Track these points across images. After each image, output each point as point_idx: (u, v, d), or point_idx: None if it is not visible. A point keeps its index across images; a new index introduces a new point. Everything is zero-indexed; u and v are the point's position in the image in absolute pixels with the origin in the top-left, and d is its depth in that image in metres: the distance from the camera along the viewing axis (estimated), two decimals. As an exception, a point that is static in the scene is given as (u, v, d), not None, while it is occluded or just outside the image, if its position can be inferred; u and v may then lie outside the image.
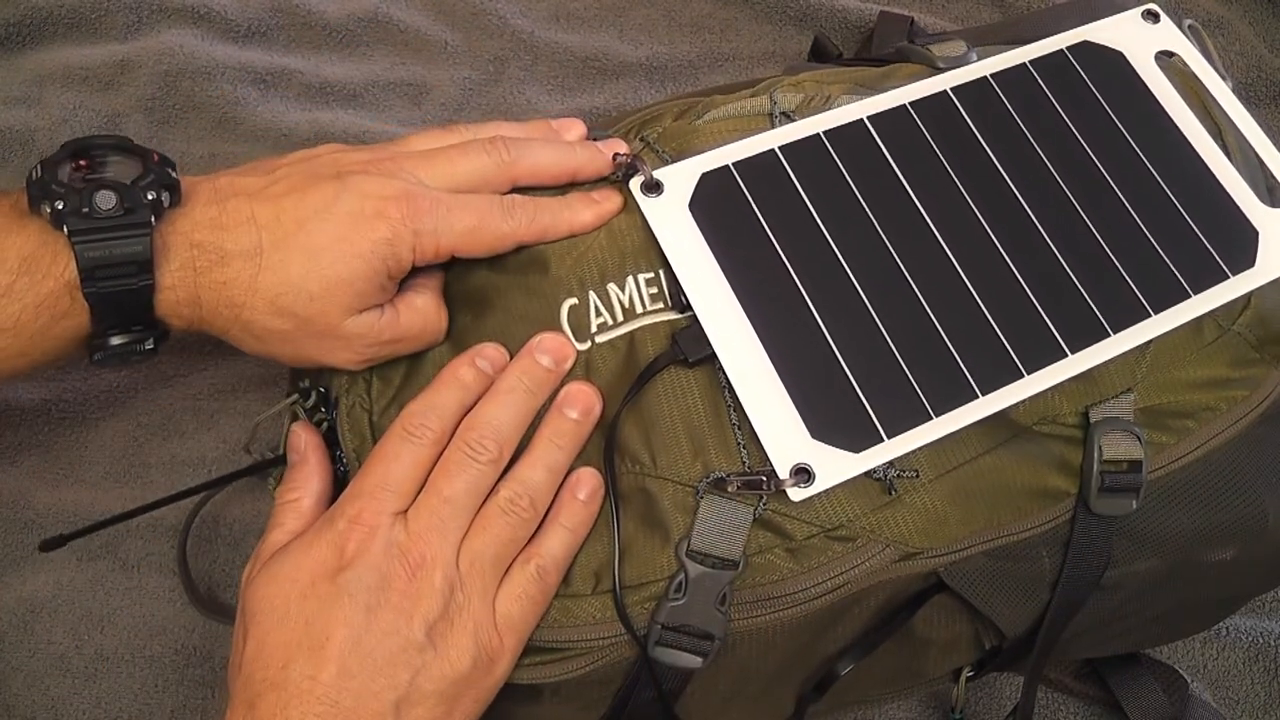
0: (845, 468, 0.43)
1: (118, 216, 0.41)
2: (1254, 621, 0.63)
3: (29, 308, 0.41)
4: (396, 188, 0.44)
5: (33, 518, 0.59)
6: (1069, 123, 0.51)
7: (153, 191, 0.42)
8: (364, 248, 0.43)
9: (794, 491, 0.43)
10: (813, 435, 0.43)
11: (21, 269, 0.41)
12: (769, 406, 0.43)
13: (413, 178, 0.45)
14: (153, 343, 0.44)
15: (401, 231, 0.43)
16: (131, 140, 0.45)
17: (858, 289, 0.46)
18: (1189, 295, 0.48)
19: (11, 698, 0.56)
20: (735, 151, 0.48)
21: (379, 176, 0.44)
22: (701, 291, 0.45)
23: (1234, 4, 0.81)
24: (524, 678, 0.43)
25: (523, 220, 0.46)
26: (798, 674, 0.48)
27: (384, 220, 0.43)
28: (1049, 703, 0.61)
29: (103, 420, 0.62)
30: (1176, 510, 0.47)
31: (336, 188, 0.44)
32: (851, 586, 0.44)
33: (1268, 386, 0.48)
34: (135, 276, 0.42)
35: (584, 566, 0.43)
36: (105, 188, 0.41)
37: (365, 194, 0.43)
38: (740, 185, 0.47)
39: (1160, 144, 0.51)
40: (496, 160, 0.47)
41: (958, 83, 0.51)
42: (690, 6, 0.80)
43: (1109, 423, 0.46)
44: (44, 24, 0.74)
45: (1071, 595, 0.47)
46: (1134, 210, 0.49)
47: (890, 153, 0.49)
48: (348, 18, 0.77)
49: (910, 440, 0.44)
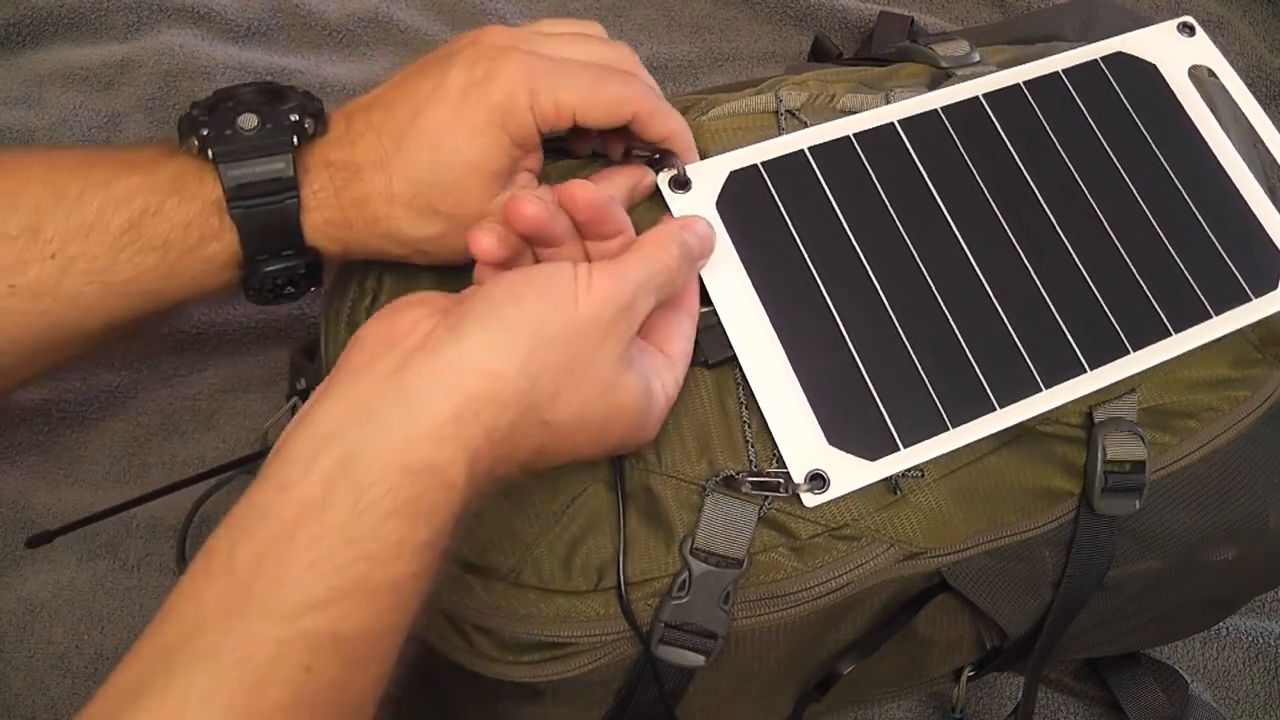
0: (860, 476, 0.43)
1: (259, 136, 0.42)
2: (1254, 621, 0.63)
3: (178, 226, 0.42)
4: (508, 51, 0.43)
5: (33, 518, 0.59)
6: (1099, 134, 0.51)
7: (295, 114, 0.43)
8: (480, 119, 0.42)
9: (808, 498, 0.43)
10: (830, 442, 0.43)
11: (170, 189, 0.42)
12: (787, 411, 0.43)
13: (532, 45, 0.44)
14: (304, 271, 0.44)
15: (516, 90, 0.42)
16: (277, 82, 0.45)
17: (881, 295, 0.46)
18: (1210, 316, 0.48)
19: (11, 698, 0.55)
20: (764, 151, 0.48)
21: (496, 45, 0.43)
22: (724, 292, 0.45)
23: (1234, 4, 0.81)
24: (525, 676, 0.43)
25: (639, 89, 0.44)
26: (800, 674, 0.48)
27: (495, 82, 0.42)
28: (1049, 703, 0.61)
29: (103, 420, 0.62)
30: (1179, 510, 0.47)
31: (444, 66, 0.43)
32: (855, 586, 0.44)
33: (1269, 386, 0.48)
34: (280, 195, 0.42)
35: (587, 563, 0.43)
36: (249, 110, 0.42)
37: (475, 60, 0.42)
38: (768, 185, 0.47)
39: (1189, 161, 0.51)
40: (619, 56, 0.45)
41: (989, 89, 0.51)
42: (690, 6, 0.80)
43: (1112, 423, 0.46)
44: (44, 24, 0.74)
45: (1074, 595, 0.47)
46: (1159, 227, 0.49)
47: (919, 158, 0.49)
48: (348, 18, 0.77)
49: (926, 450, 0.44)
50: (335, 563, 0.32)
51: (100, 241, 0.42)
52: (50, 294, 0.42)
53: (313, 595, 0.32)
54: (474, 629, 0.43)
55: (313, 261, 0.45)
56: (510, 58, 0.42)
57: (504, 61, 0.42)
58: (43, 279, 0.42)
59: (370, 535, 0.33)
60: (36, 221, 0.41)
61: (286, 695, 0.31)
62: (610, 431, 0.39)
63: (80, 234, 0.42)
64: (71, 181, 0.42)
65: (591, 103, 0.43)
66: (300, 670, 0.32)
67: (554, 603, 0.43)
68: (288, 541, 0.33)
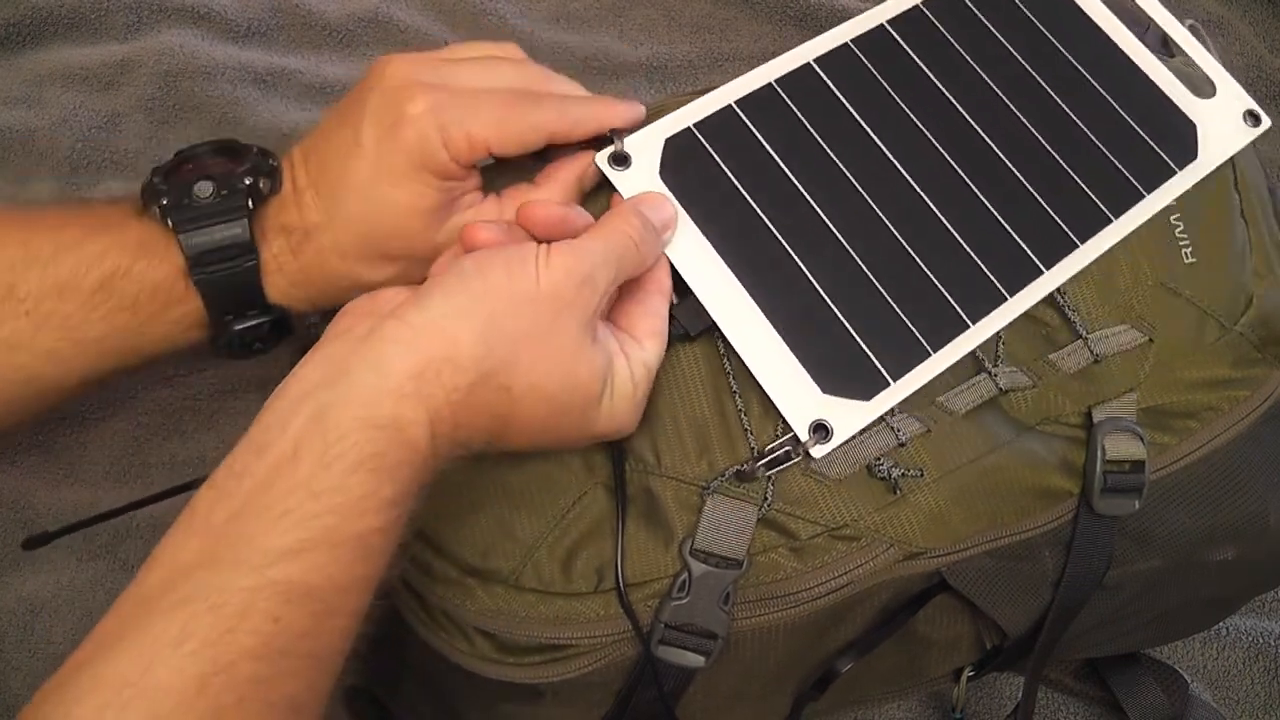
0: (860, 417, 0.44)
1: (215, 203, 0.43)
2: (1254, 621, 0.63)
3: (146, 289, 0.44)
4: (413, 89, 0.43)
5: (33, 518, 0.59)
6: (1005, 43, 0.52)
7: (249, 178, 0.44)
8: (400, 166, 0.43)
9: (816, 449, 0.43)
10: (824, 391, 0.44)
11: (139, 252, 0.44)
12: (778, 370, 0.44)
13: (437, 77, 0.44)
14: (269, 328, 0.46)
15: (425, 131, 0.42)
16: (236, 140, 0.47)
17: (839, 237, 0.46)
18: (1143, 195, 0.49)
19: (11, 698, 0.55)
20: (693, 112, 0.48)
21: (400, 85, 0.43)
22: (689, 261, 0.45)
23: (1234, 4, 0.81)
24: (526, 678, 0.43)
25: (552, 111, 0.44)
26: (800, 674, 0.48)
27: (404, 127, 0.42)
28: (1049, 703, 0.61)
29: (103, 420, 0.62)
30: (1178, 510, 0.47)
31: (357, 115, 0.43)
32: (855, 586, 0.44)
33: (1269, 386, 0.48)
34: (240, 259, 0.44)
35: (587, 565, 0.43)
36: (204, 178, 0.44)
37: (383, 106, 0.43)
38: (705, 146, 0.47)
39: (1094, 53, 0.53)
40: (527, 78, 0.45)
41: (892, 14, 0.52)
42: (690, 6, 0.80)
43: (1112, 422, 0.46)
44: (44, 24, 0.74)
45: (1073, 595, 0.47)
46: (1081, 121, 0.51)
47: (842, 93, 0.49)
48: (348, 18, 0.77)
49: (915, 380, 0.44)
50: (303, 514, 0.33)
51: (73, 300, 0.44)
52: (25, 348, 0.44)
53: (282, 545, 0.33)
54: (475, 631, 0.43)
55: (279, 318, 0.46)
56: (416, 98, 0.43)
57: (410, 103, 0.43)
58: (18, 334, 0.44)
59: (337, 488, 0.34)
60: (11, 280, 0.43)
61: (255, 644, 0.32)
62: (572, 407, 0.39)
63: (54, 293, 0.43)
64: (44, 244, 0.44)
65: (502, 135, 0.44)
66: (269, 620, 0.33)
67: (554, 605, 0.43)
68: (261, 495, 0.34)
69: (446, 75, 0.44)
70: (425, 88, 0.43)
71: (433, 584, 0.43)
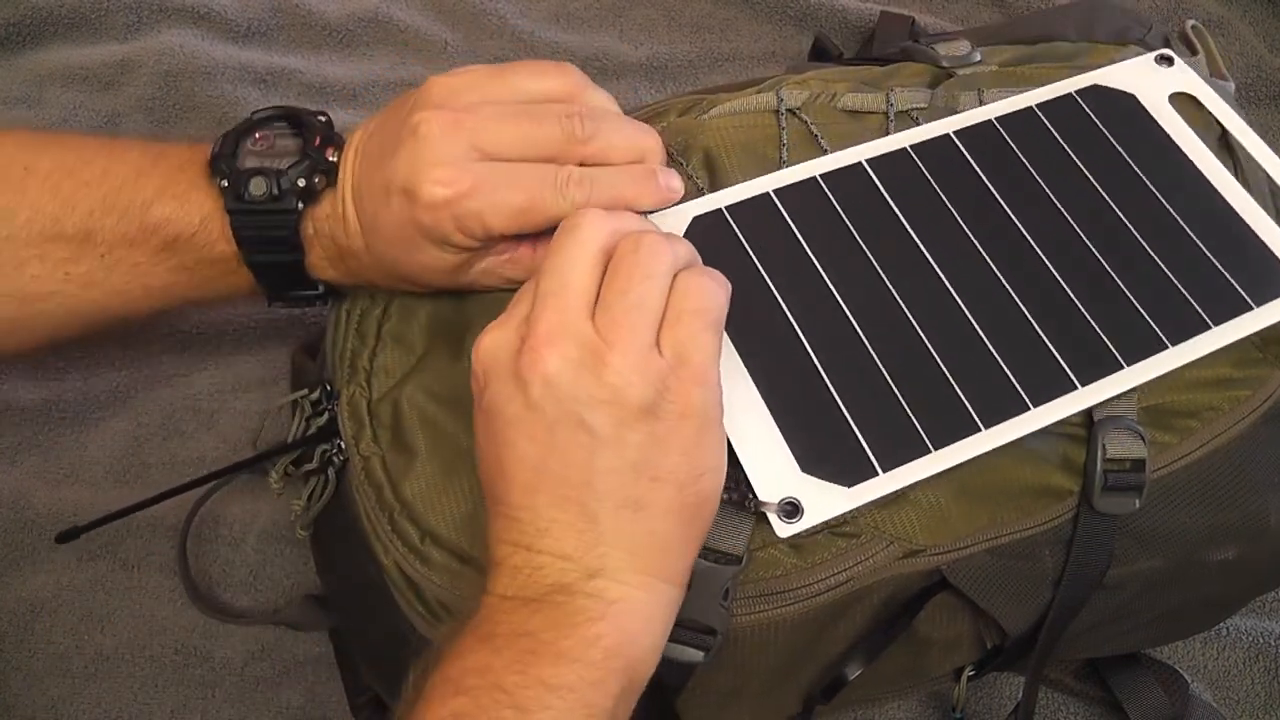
0: (838, 503, 0.42)
1: (267, 203, 0.45)
2: (1254, 621, 0.63)
3: (205, 260, 0.48)
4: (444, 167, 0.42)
5: (33, 518, 0.59)
6: (1077, 161, 0.50)
7: (303, 178, 0.45)
8: (418, 240, 0.44)
9: (780, 526, 0.42)
10: (802, 469, 0.42)
11: (202, 224, 0.47)
12: (756, 438, 0.43)
13: (470, 145, 0.43)
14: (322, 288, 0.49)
15: (441, 219, 0.42)
16: (303, 112, 0.48)
17: (852, 323, 0.45)
18: (1209, 327, 0.47)
19: (11, 698, 0.55)
20: (728, 196, 0.47)
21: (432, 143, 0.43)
22: None
23: (1234, 4, 0.81)
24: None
25: (578, 199, 0.43)
26: (798, 672, 0.48)
27: (420, 210, 0.42)
28: (1049, 703, 0.61)
29: (103, 420, 0.62)
30: (1179, 509, 0.47)
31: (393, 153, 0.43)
32: (855, 583, 0.44)
33: (1271, 386, 0.48)
34: (287, 253, 0.47)
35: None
36: (259, 174, 0.45)
37: (412, 168, 0.42)
38: (733, 227, 0.47)
39: (1175, 180, 0.50)
40: (569, 134, 0.44)
41: (961, 126, 0.50)
42: (690, 6, 0.80)
43: (1112, 421, 0.46)
44: (44, 24, 0.74)
45: (1074, 594, 0.47)
46: (1147, 244, 0.48)
47: (889, 193, 0.48)
48: (348, 18, 0.77)
49: (907, 475, 0.43)
50: None
51: (143, 252, 0.47)
52: (99, 285, 0.48)
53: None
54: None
55: (328, 288, 0.50)
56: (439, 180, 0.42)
57: (431, 186, 0.42)
58: (94, 273, 0.48)
59: None
60: (90, 227, 0.47)
61: None
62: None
63: (125, 243, 0.47)
64: (120, 196, 0.47)
65: (520, 227, 0.43)
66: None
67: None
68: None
69: (485, 124, 0.43)
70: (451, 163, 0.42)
71: (430, 573, 0.43)
